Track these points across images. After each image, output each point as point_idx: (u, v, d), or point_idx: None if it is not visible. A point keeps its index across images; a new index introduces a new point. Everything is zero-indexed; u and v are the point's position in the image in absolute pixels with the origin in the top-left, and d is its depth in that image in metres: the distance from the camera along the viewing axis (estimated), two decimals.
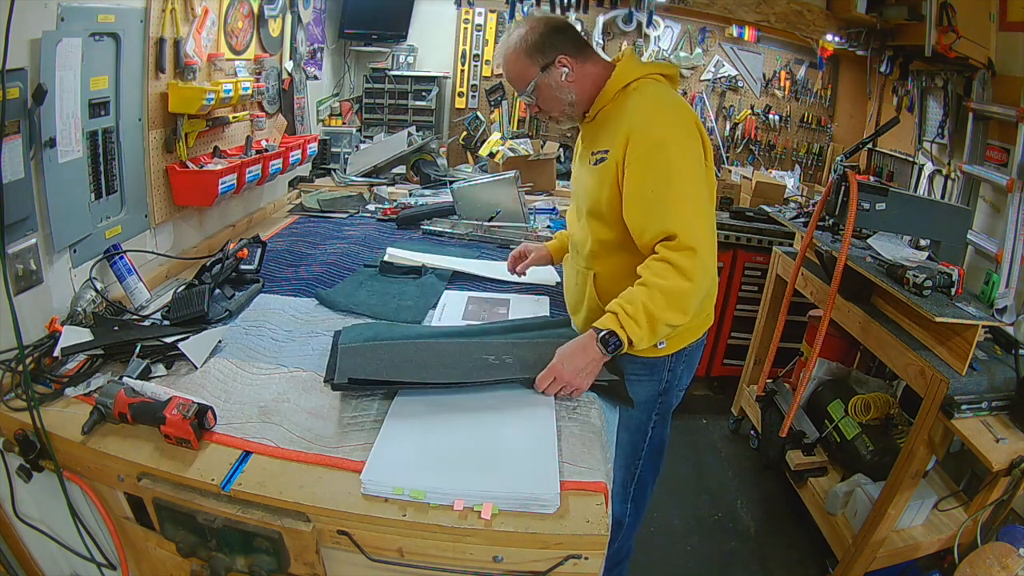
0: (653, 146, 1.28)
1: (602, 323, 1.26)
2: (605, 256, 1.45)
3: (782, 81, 3.55)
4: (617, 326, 1.23)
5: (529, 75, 1.40)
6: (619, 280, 1.36)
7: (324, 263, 1.96)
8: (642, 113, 1.32)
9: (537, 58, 1.38)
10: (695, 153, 1.32)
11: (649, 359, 1.48)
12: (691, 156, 1.31)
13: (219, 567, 1.05)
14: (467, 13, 3.53)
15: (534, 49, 1.38)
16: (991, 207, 2.24)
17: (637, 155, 1.29)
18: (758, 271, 3.00)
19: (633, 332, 1.23)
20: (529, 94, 1.42)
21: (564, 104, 1.42)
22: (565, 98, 1.41)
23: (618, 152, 1.32)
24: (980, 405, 1.66)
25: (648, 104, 1.34)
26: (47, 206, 1.33)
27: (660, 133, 1.29)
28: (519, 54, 1.39)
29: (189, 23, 1.76)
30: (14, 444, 1.12)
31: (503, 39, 1.45)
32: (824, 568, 2.19)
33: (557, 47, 1.38)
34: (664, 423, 1.62)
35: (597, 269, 1.47)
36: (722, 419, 3.04)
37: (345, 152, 3.11)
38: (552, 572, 0.97)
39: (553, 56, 1.37)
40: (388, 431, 1.13)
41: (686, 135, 1.31)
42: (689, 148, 1.31)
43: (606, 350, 1.25)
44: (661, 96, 1.36)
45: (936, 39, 2.34)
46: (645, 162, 1.28)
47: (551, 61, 1.38)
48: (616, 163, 1.33)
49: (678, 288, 1.23)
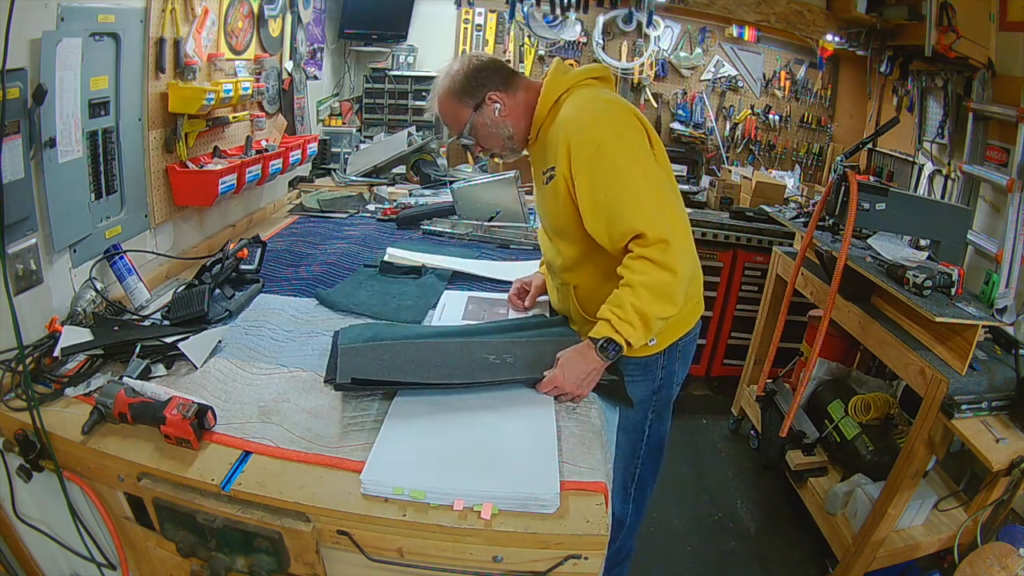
0: (594, 150, 1.27)
1: (597, 332, 1.26)
2: (579, 268, 1.46)
3: (782, 81, 3.55)
4: (612, 332, 1.24)
5: (463, 117, 1.41)
6: (598, 288, 1.37)
7: (324, 263, 1.96)
8: (575, 120, 1.32)
9: (467, 100, 1.40)
10: (639, 146, 1.31)
11: (642, 359, 1.48)
12: (635, 150, 1.29)
13: (219, 567, 1.05)
14: (467, 13, 3.53)
15: (462, 91, 1.39)
16: (991, 207, 2.24)
17: (581, 164, 1.29)
18: (758, 271, 3.00)
19: (629, 334, 1.24)
20: (467, 135, 1.43)
21: (503, 139, 1.43)
22: (502, 132, 1.42)
23: (563, 166, 1.32)
24: (980, 405, 1.66)
25: (579, 110, 1.34)
26: (47, 206, 1.33)
27: (598, 135, 1.28)
28: (449, 97, 1.41)
29: (189, 23, 1.76)
30: (14, 444, 1.12)
31: (433, 86, 1.46)
32: (824, 568, 2.19)
33: (484, 84, 1.39)
34: (661, 420, 1.61)
35: (575, 282, 1.48)
36: (722, 419, 3.04)
37: (345, 152, 3.11)
38: (552, 572, 0.97)
39: (483, 94, 1.39)
40: (388, 431, 1.13)
41: (625, 130, 1.30)
42: (631, 142, 1.30)
43: (606, 357, 1.25)
44: (591, 99, 1.36)
45: (936, 39, 2.34)
46: (591, 168, 1.28)
47: (481, 100, 1.39)
48: (564, 177, 1.33)
49: (661, 281, 1.23)
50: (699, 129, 3.57)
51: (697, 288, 1.52)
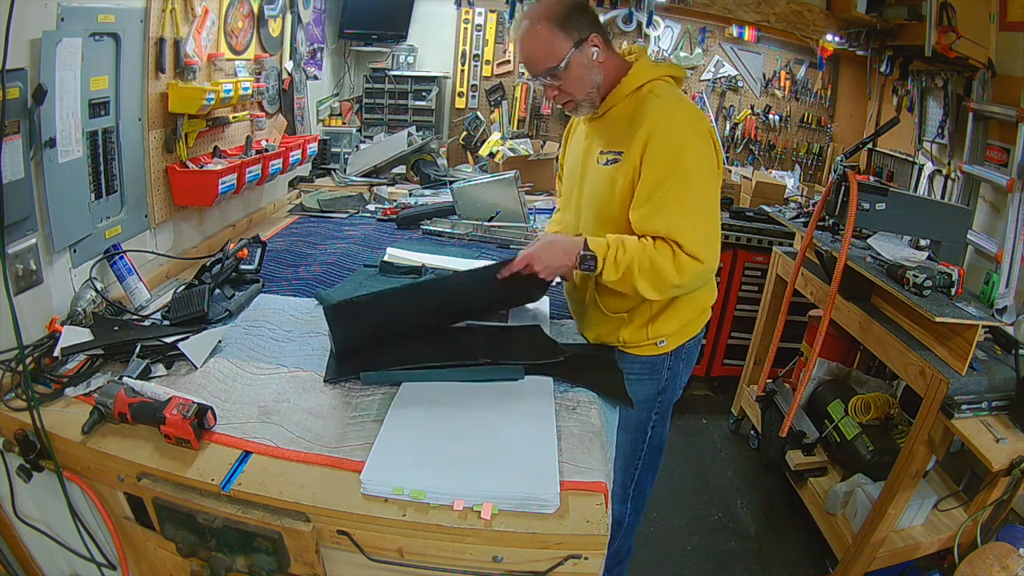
0: (675, 151, 1.26)
1: (593, 245, 1.29)
2: None
3: (782, 81, 3.55)
4: (601, 257, 1.28)
5: (561, 50, 1.29)
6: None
7: (324, 263, 1.96)
8: (663, 117, 1.29)
9: (571, 32, 1.29)
10: (711, 166, 1.32)
11: (649, 358, 1.48)
12: (709, 168, 1.31)
13: (219, 567, 1.05)
14: (467, 13, 3.53)
15: (565, 22, 1.28)
16: (991, 207, 2.24)
17: (655, 159, 1.27)
18: (758, 271, 3.00)
19: (608, 274, 1.28)
20: (557, 73, 1.31)
21: (590, 87, 1.34)
22: (593, 79, 1.34)
23: (635, 156, 1.30)
24: (980, 405, 1.66)
25: (668, 108, 1.31)
26: (47, 206, 1.33)
27: (681, 138, 1.27)
28: (549, 25, 1.28)
29: (189, 23, 1.76)
30: (14, 444, 1.12)
31: (521, 15, 1.36)
32: (824, 568, 2.19)
33: (588, 24, 1.31)
34: (664, 422, 1.62)
35: None
36: (722, 419, 3.04)
37: (345, 152, 3.11)
38: (552, 572, 0.97)
39: (587, 33, 1.30)
40: (388, 431, 1.13)
41: (705, 144, 1.30)
42: (708, 160, 1.30)
43: (580, 265, 1.30)
44: (681, 101, 1.35)
45: (936, 39, 2.34)
46: (664, 167, 1.27)
47: (585, 37, 1.30)
48: (633, 167, 1.30)
49: (667, 275, 1.26)
50: None
51: (708, 300, 1.54)
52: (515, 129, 3.63)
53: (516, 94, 3.64)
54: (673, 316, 1.46)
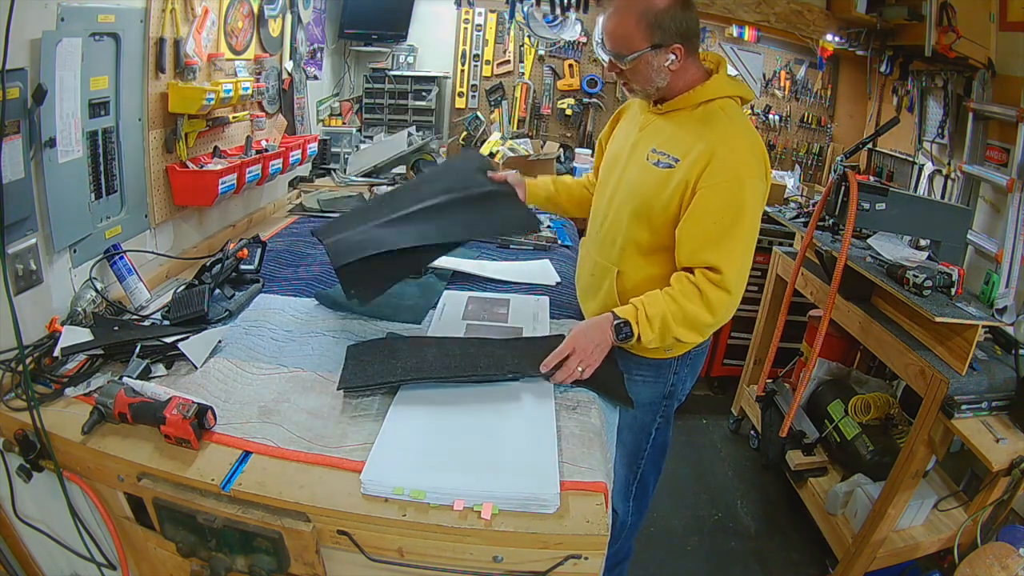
0: (733, 179, 1.26)
1: (622, 312, 1.29)
2: (636, 257, 1.42)
3: (782, 81, 3.54)
4: (634, 321, 1.27)
5: (635, 46, 1.27)
6: (641, 281, 1.37)
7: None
8: (728, 142, 1.28)
9: (655, 33, 1.25)
10: (763, 196, 1.32)
11: (655, 360, 1.48)
12: (760, 199, 1.31)
13: (219, 567, 1.05)
14: (467, 13, 3.53)
15: (655, 22, 1.24)
16: (991, 207, 2.24)
17: (714, 183, 1.26)
18: (758, 271, 2.97)
19: (645, 333, 1.27)
20: (624, 62, 1.29)
21: (652, 87, 1.33)
22: (656, 82, 1.32)
23: (693, 170, 1.28)
24: (980, 405, 1.66)
25: (737, 135, 1.30)
26: (47, 206, 1.32)
27: (744, 170, 1.27)
28: (636, 18, 1.25)
29: (189, 23, 1.76)
30: (14, 444, 1.12)
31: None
32: (824, 568, 2.19)
33: (677, 33, 1.26)
34: (668, 425, 1.62)
35: (622, 268, 1.44)
36: (722, 419, 3.04)
37: (345, 152, 3.11)
38: (552, 572, 0.97)
39: (671, 41, 1.26)
40: (388, 431, 1.13)
41: (762, 177, 1.30)
42: (761, 192, 1.30)
43: (617, 336, 1.28)
44: (748, 130, 1.33)
45: (936, 39, 2.34)
46: (720, 192, 1.26)
47: (666, 44, 1.26)
48: (687, 182, 1.29)
49: (699, 317, 1.27)
50: None
51: None
52: (515, 129, 3.63)
53: (516, 94, 3.64)
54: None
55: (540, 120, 3.70)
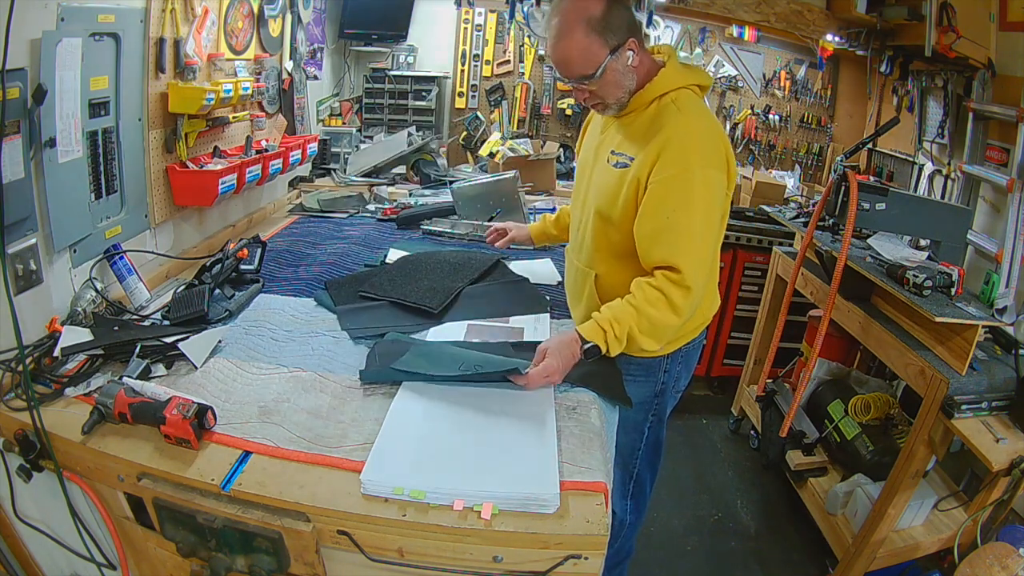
0: (681, 171, 1.24)
1: (589, 334, 1.28)
2: (608, 258, 1.43)
3: (782, 81, 3.55)
4: (602, 341, 1.27)
5: (598, 58, 1.23)
6: (620, 284, 1.36)
7: (324, 263, 1.96)
8: (679, 133, 1.25)
9: (609, 37, 1.22)
10: (718, 189, 1.28)
11: (645, 360, 1.48)
12: (715, 188, 1.27)
13: (219, 567, 1.05)
14: (467, 13, 3.53)
15: (605, 26, 1.21)
16: (991, 207, 2.24)
17: (664, 176, 1.25)
18: (758, 271, 3.00)
19: (613, 348, 1.28)
20: (595, 80, 1.25)
21: (623, 92, 1.30)
22: (626, 85, 1.29)
23: (644, 167, 1.27)
24: (980, 405, 1.66)
25: (686, 126, 1.27)
26: (47, 206, 1.33)
27: (692, 160, 1.24)
28: (586, 31, 1.21)
29: (189, 23, 1.76)
30: (14, 444, 1.12)
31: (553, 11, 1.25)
32: (824, 568, 2.19)
33: (625, 28, 1.24)
34: (660, 424, 1.62)
35: (598, 270, 1.46)
36: (722, 419, 3.04)
37: (345, 152, 3.11)
38: (552, 572, 0.97)
39: (625, 37, 1.23)
40: (388, 431, 1.13)
41: (716, 170, 1.27)
42: (714, 182, 1.27)
43: (585, 357, 1.28)
44: (700, 118, 1.31)
45: (936, 39, 2.34)
46: (670, 186, 1.25)
47: (623, 42, 1.23)
48: (639, 179, 1.28)
49: (664, 321, 1.27)
50: None
51: (709, 310, 1.55)
52: (515, 129, 3.63)
53: (516, 94, 3.64)
54: None
55: (540, 120, 3.71)
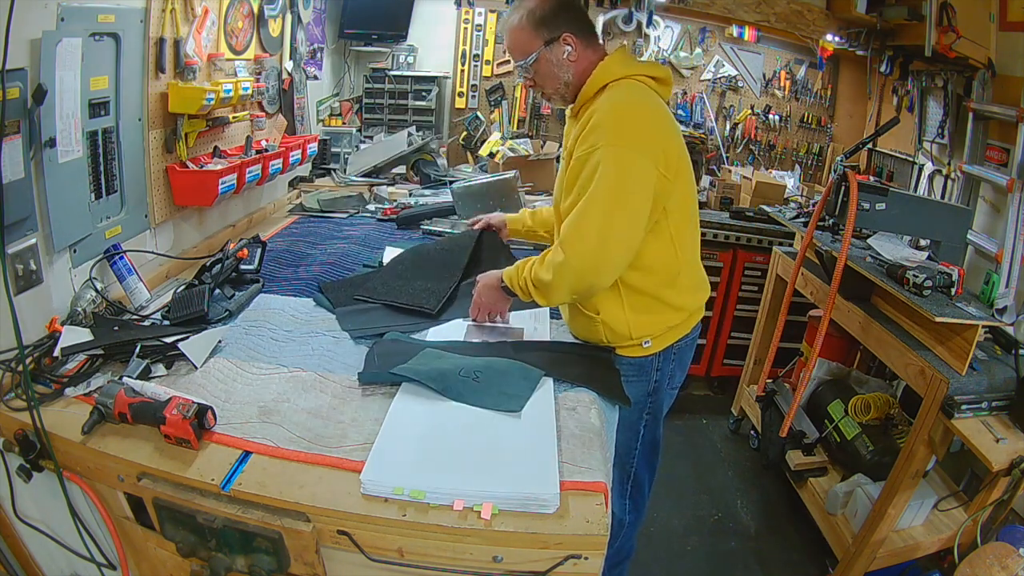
0: (589, 150, 1.27)
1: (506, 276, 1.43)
2: None
3: (782, 81, 3.55)
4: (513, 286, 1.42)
5: (531, 47, 1.38)
6: None
7: (324, 263, 1.96)
8: (599, 114, 1.30)
9: (541, 32, 1.36)
10: (639, 170, 1.26)
11: (636, 359, 1.48)
12: (625, 167, 1.25)
13: (219, 567, 1.05)
14: (467, 13, 3.53)
15: (540, 22, 1.36)
16: (991, 207, 2.24)
17: (581, 151, 1.29)
18: (758, 271, 3.00)
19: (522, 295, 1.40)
20: (527, 67, 1.40)
21: (560, 83, 1.40)
22: (562, 76, 1.39)
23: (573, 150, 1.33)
24: (980, 405, 1.66)
25: (612, 107, 1.30)
26: (47, 206, 1.33)
27: (601, 140, 1.26)
28: (525, 24, 1.37)
29: (189, 23, 1.76)
30: (14, 444, 1.12)
31: (511, 8, 1.43)
32: (824, 568, 2.19)
33: (564, 24, 1.36)
34: (656, 423, 1.61)
35: None
36: (722, 419, 3.04)
37: (345, 152, 3.11)
38: (552, 572, 0.97)
39: (559, 32, 1.36)
40: (388, 431, 1.13)
41: (636, 150, 1.25)
42: (630, 163, 1.25)
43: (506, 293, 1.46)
44: (628, 101, 1.32)
45: (936, 39, 2.34)
46: (578, 165, 1.29)
47: (556, 37, 1.36)
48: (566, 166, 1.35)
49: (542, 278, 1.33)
50: (699, 129, 3.57)
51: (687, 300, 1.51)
52: (515, 129, 3.63)
53: (516, 94, 3.64)
54: (651, 317, 1.45)
55: (540, 120, 3.71)
